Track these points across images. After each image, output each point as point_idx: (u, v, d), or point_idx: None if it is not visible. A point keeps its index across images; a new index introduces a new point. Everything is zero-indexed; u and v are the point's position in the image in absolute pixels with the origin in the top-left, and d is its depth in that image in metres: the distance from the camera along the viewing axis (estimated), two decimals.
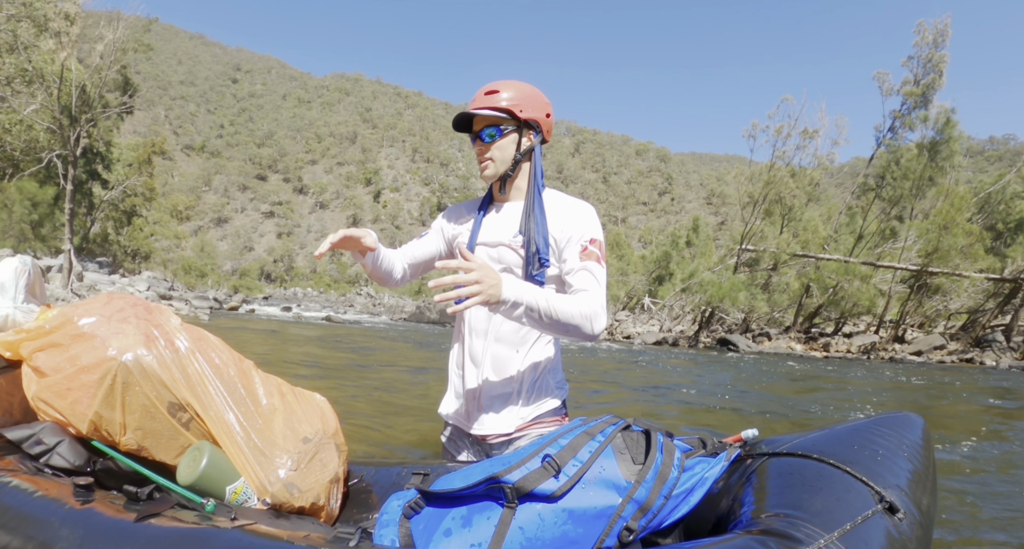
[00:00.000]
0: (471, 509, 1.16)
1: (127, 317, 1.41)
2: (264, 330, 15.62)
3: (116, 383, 1.33)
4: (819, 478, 1.04)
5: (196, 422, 1.39)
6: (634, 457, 1.17)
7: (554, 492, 1.10)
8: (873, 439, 1.15)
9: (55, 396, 1.34)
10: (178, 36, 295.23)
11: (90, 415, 1.34)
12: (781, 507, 1.00)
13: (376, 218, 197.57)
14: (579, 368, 9.90)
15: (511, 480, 1.12)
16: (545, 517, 1.10)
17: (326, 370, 7.76)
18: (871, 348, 21.02)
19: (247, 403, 1.45)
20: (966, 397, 8.31)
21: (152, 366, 1.36)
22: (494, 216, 1.84)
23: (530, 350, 1.77)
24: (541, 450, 1.18)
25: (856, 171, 32.31)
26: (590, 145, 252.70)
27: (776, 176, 27.25)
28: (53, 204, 25.76)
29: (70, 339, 1.36)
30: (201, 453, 1.34)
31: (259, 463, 1.39)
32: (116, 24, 23.75)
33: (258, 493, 1.37)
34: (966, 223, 21.62)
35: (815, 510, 0.96)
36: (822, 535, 0.90)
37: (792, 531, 0.92)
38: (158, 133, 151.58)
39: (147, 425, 1.36)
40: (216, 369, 1.44)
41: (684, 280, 27.20)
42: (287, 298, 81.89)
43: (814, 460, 1.10)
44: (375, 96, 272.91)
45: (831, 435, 1.20)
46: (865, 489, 1.00)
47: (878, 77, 26.03)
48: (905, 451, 1.13)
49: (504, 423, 1.74)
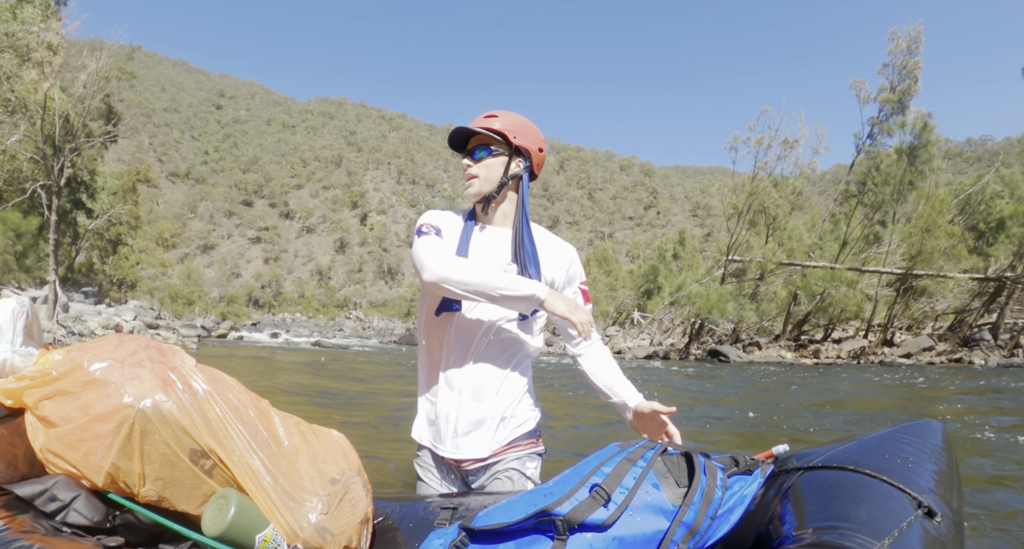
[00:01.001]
0: (520, 544, 1.13)
1: (141, 361, 1.34)
2: (253, 357, 15.50)
3: (134, 432, 1.25)
4: (859, 488, 1.07)
5: (219, 469, 1.32)
6: (677, 480, 1.17)
7: (605, 521, 1.08)
8: (901, 447, 1.19)
9: (67, 447, 1.26)
10: (161, 63, 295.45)
11: (106, 467, 1.26)
12: (828, 520, 1.02)
13: (363, 241, 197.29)
14: (572, 387, 9.90)
15: (561, 512, 1.10)
16: (596, 547, 1.08)
17: (317, 398, 7.71)
18: (861, 353, 21.14)
19: (270, 445, 1.40)
20: (958, 398, 8.38)
21: (172, 412, 1.28)
22: (481, 236, 1.80)
23: (508, 375, 1.76)
24: (586, 480, 1.16)
25: (838, 178, 32.72)
26: (574, 162, 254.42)
27: (759, 187, 27.52)
28: (37, 234, 25.56)
29: (80, 386, 1.28)
30: (228, 501, 1.26)
31: (288, 508, 1.33)
32: (99, 53, 23.72)
33: (288, 540, 1.31)
34: (948, 225, 21.91)
35: (862, 520, 0.98)
36: (874, 544, 0.92)
37: (845, 542, 0.94)
38: (142, 161, 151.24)
39: (168, 474, 1.28)
40: (236, 411, 1.38)
41: (672, 293, 27.28)
42: (276, 324, 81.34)
43: (851, 471, 1.12)
44: (359, 119, 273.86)
45: (860, 446, 1.22)
46: (903, 496, 1.03)
47: (855, 85, 26.51)
48: (931, 456, 1.17)
49: (480, 448, 1.72)
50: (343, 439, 1.61)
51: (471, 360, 1.72)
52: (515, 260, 1.73)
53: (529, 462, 1.76)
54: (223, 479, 1.32)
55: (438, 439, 1.76)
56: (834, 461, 1.18)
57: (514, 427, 1.75)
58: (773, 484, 1.24)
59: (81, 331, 17.90)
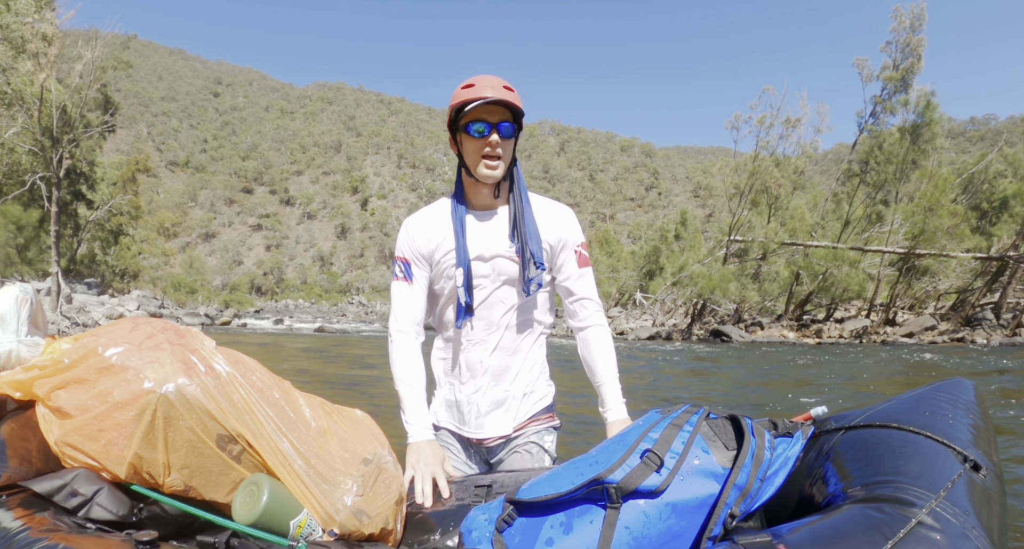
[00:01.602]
0: (570, 514, 1.13)
1: (159, 344, 1.27)
2: (258, 344, 15.58)
3: (157, 419, 1.18)
4: (906, 445, 1.09)
5: (248, 454, 1.26)
6: (726, 444, 1.17)
7: (658, 487, 1.08)
8: (938, 404, 1.21)
9: (84, 439, 1.19)
10: (157, 52, 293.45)
11: (128, 457, 1.19)
12: (879, 475, 1.04)
13: (364, 226, 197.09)
14: (579, 370, 9.93)
15: (615, 480, 1.09)
16: (650, 514, 1.08)
17: (322, 383, 7.75)
18: (863, 332, 21.17)
19: (299, 427, 1.33)
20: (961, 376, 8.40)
21: (196, 396, 1.21)
22: (479, 225, 1.76)
23: (527, 355, 1.80)
24: (635, 446, 1.15)
25: (840, 158, 32.53)
26: (575, 144, 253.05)
27: (761, 166, 27.40)
28: (38, 227, 25.56)
29: (96, 373, 1.21)
30: (260, 487, 1.20)
31: (322, 491, 1.27)
32: (94, 43, 23.60)
33: (323, 524, 1.26)
34: (951, 204, 21.83)
35: (915, 474, 1.00)
36: (930, 497, 0.94)
37: (902, 495, 0.96)
38: (141, 150, 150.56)
39: (194, 462, 1.22)
40: (261, 393, 1.31)
41: (674, 274, 27.30)
42: (279, 310, 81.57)
43: (895, 429, 1.14)
44: (358, 104, 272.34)
45: (899, 405, 1.25)
46: (949, 451, 1.06)
47: (858, 64, 26.26)
48: (967, 412, 1.20)
49: (503, 426, 1.76)
50: (368, 419, 1.54)
51: (492, 347, 1.75)
52: (513, 239, 1.72)
53: (547, 435, 1.81)
54: (252, 464, 1.27)
55: (461, 421, 1.80)
56: (876, 420, 1.19)
57: (534, 403, 1.80)
58: (813, 446, 1.25)
59: (85, 322, 18.00)
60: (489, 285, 1.74)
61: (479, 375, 1.76)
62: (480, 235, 1.74)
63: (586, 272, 1.79)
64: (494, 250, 1.72)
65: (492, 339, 1.75)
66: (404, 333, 1.75)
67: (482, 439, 1.78)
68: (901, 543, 0.86)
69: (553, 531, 1.12)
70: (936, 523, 0.90)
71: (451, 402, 1.82)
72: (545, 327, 1.85)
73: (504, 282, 1.74)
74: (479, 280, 1.73)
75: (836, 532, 0.92)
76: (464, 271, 1.70)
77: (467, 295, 1.71)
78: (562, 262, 1.79)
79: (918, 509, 0.92)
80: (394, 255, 1.79)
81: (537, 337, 1.83)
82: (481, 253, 1.73)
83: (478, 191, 1.75)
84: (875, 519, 0.92)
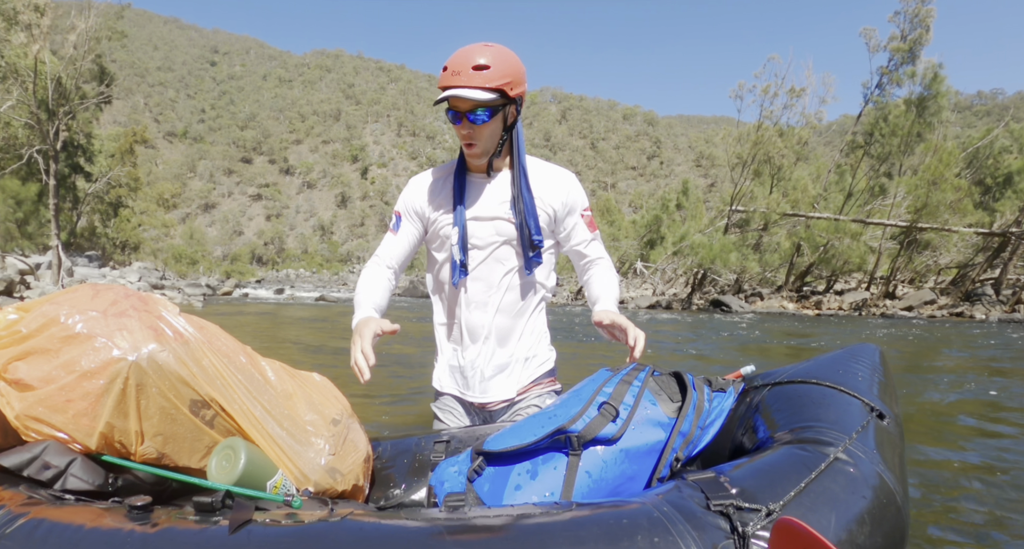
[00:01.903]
0: (535, 462, 1.25)
1: (124, 310, 1.23)
2: (259, 313, 15.64)
3: (128, 387, 1.16)
4: (823, 397, 1.30)
5: (221, 418, 1.25)
6: (671, 396, 1.34)
7: (614, 435, 1.23)
8: (849, 364, 1.45)
9: (51, 411, 1.15)
10: (152, 21, 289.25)
11: (100, 427, 1.15)
12: (802, 422, 1.22)
13: (364, 195, 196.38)
14: (578, 334, 9.98)
15: (576, 429, 1.23)
16: (607, 459, 1.22)
17: (322, 351, 7.80)
18: (862, 305, 21.23)
19: (267, 390, 1.35)
20: (958, 352, 8.44)
21: (168, 363, 1.19)
22: (479, 187, 1.77)
23: (529, 318, 1.82)
24: (592, 400, 1.29)
25: (844, 129, 32.22)
26: (577, 112, 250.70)
27: (764, 136, 27.12)
28: (37, 201, 25.45)
29: (60, 342, 1.16)
30: (236, 451, 1.21)
31: (295, 452, 1.30)
32: (87, 12, 23.22)
33: (298, 483, 1.28)
34: (955, 178, 21.67)
35: (831, 421, 1.20)
36: (843, 438, 1.13)
37: (820, 437, 1.15)
38: (138, 122, 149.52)
39: (168, 429, 1.20)
40: (228, 358, 1.31)
41: (675, 243, 27.24)
42: (280, 280, 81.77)
43: (814, 384, 1.36)
44: (357, 72, 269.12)
45: (817, 364, 1.47)
46: (858, 403, 1.27)
47: (865, 33, 25.81)
48: (873, 372, 1.43)
49: (507, 389, 1.79)
50: (327, 381, 1.57)
51: (493, 310, 1.77)
52: (513, 210, 1.72)
53: (549, 399, 1.84)
54: (225, 429, 1.27)
55: (465, 386, 1.82)
56: (797, 377, 1.41)
57: (536, 366, 1.84)
58: (743, 400, 1.44)
59: None
60: (487, 246, 1.75)
61: (481, 339, 1.78)
62: (479, 196, 1.75)
63: (594, 235, 1.83)
64: (493, 212, 1.73)
65: (493, 301, 1.77)
66: (377, 264, 1.81)
67: (485, 403, 1.81)
68: (822, 475, 1.03)
69: (520, 478, 1.24)
70: (850, 459, 1.09)
71: (454, 367, 1.85)
72: (547, 290, 1.87)
73: (504, 243, 1.75)
74: (477, 240, 1.75)
75: (769, 467, 1.08)
76: (460, 230, 1.72)
77: (462, 253, 1.73)
78: (570, 227, 1.81)
79: (835, 448, 1.10)
80: (388, 222, 1.84)
81: (539, 301, 1.85)
82: (479, 214, 1.74)
83: (474, 160, 1.76)
84: (801, 456, 1.09)
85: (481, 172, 1.77)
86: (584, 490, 1.20)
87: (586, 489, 1.20)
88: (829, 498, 1.00)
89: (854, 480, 1.05)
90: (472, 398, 1.81)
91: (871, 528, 1.00)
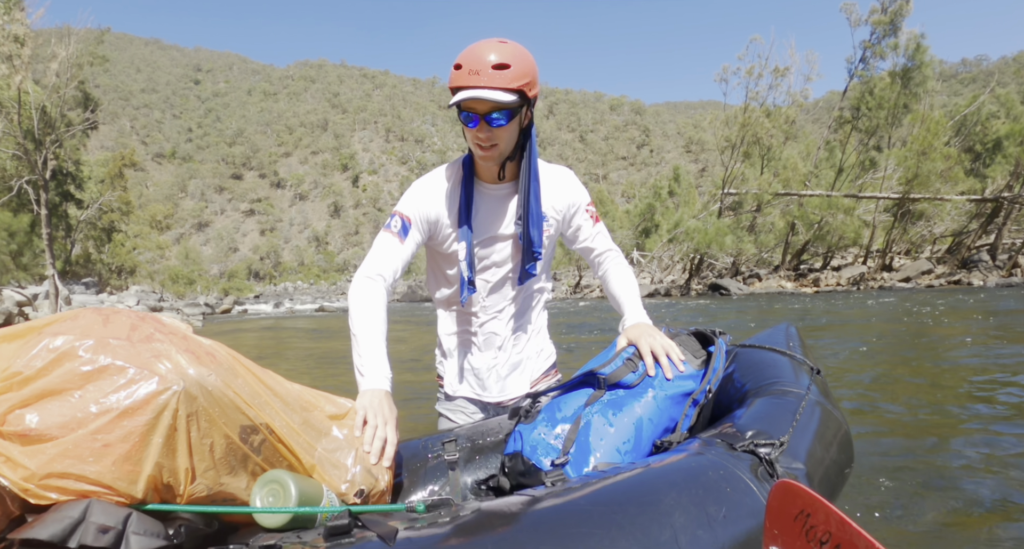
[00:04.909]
0: (569, 393, 1.52)
1: (150, 334, 1.08)
2: (260, 328, 15.63)
3: (178, 419, 1.01)
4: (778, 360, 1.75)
5: (270, 442, 1.15)
6: (694, 353, 1.59)
7: (633, 382, 1.47)
8: (783, 337, 1.93)
9: (83, 462, 0.96)
10: (133, 43, 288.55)
11: (146, 471, 1.00)
12: (770, 379, 1.63)
13: (357, 203, 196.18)
14: (584, 327, 9.99)
15: (604, 373, 1.48)
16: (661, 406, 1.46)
17: (325, 361, 7.81)
18: (860, 279, 21.26)
19: (296, 406, 1.24)
20: (959, 319, 8.46)
21: (218, 387, 1.07)
22: (489, 202, 1.72)
23: (536, 317, 1.91)
24: (619, 353, 1.55)
25: (831, 105, 32.19)
26: (563, 105, 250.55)
27: (751, 117, 27.15)
28: (30, 231, 25.41)
29: (81, 379, 0.99)
30: (282, 484, 1.11)
31: (337, 461, 1.25)
32: (68, 40, 23.15)
33: (342, 493, 1.22)
34: (944, 147, 21.70)
35: (790, 377, 1.63)
36: (803, 389, 1.56)
37: (788, 388, 1.56)
38: (126, 145, 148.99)
39: (221, 462, 1.08)
40: (254, 376, 1.19)
41: (670, 230, 27.26)
42: (278, 294, 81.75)
43: (768, 350, 1.83)
44: (341, 80, 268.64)
45: (764, 337, 1.96)
46: (802, 364, 1.73)
47: (845, 8, 25.78)
48: (798, 341, 1.91)
49: (521, 386, 1.87)
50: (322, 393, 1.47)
51: (507, 318, 1.84)
52: (519, 221, 1.66)
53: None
54: (271, 453, 1.16)
55: (481, 387, 1.87)
56: (755, 343, 1.90)
57: (544, 360, 1.94)
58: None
59: None
60: (503, 262, 1.76)
61: (497, 345, 1.84)
62: (491, 213, 1.72)
63: (600, 228, 1.86)
64: (506, 229, 1.72)
65: (507, 311, 1.83)
66: (374, 280, 1.63)
67: (502, 401, 1.86)
68: (802, 415, 1.42)
69: (557, 401, 1.51)
70: (813, 402, 1.51)
71: (468, 370, 1.88)
72: (547, 291, 1.94)
73: (505, 264, 1.78)
74: (491, 258, 1.75)
75: (765, 414, 1.44)
76: (467, 247, 1.68)
77: (470, 270, 1.70)
78: (577, 225, 1.83)
79: (802, 396, 1.51)
80: (395, 209, 1.69)
81: (542, 301, 1.93)
82: (492, 232, 1.72)
83: (485, 165, 1.67)
84: (781, 403, 1.48)
85: (491, 181, 1.70)
86: (648, 433, 1.42)
87: (649, 432, 1.42)
88: (809, 430, 1.41)
89: (819, 417, 1.48)
90: (489, 398, 1.86)
91: (836, 446, 1.46)
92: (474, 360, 1.86)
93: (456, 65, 1.51)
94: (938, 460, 2.70)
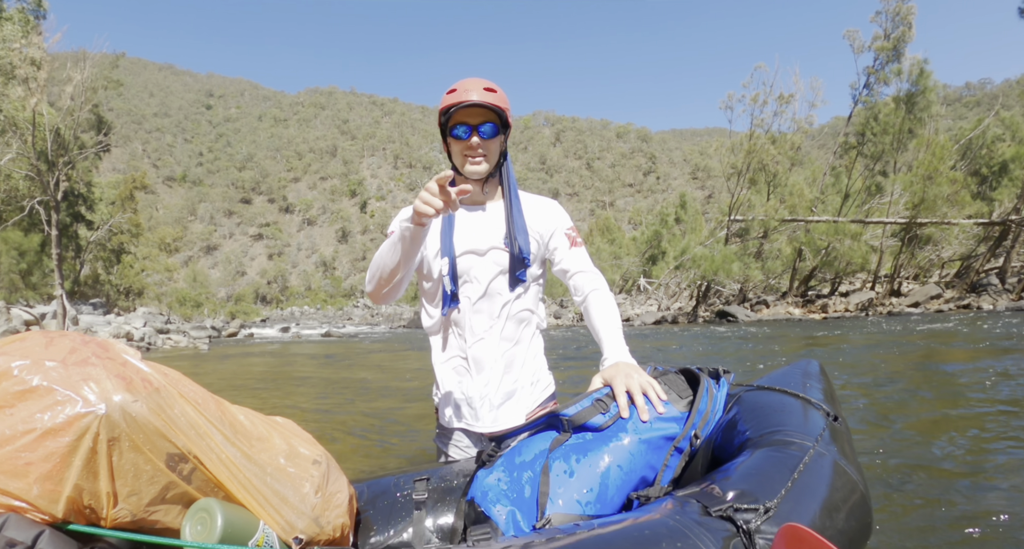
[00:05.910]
0: (532, 434, 1.44)
1: (86, 358, 1.10)
2: (266, 353, 15.62)
3: (99, 443, 1.03)
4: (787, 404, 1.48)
5: (200, 471, 1.14)
6: (680, 393, 1.46)
7: (601, 425, 1.35)
8: (800, 376, 1.66)
9: (7, 477, 1.01)
10: (147, 68, 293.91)
11: (66, 491, 1.02)
12: (773, 426, 1.38)
13: (365, 229, 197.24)
14: (596, 357, 9.96)
15: (568, 414, 1.37)
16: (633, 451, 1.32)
17: (327, 388, 7.78)
18: (869, 305, 21.12)
19: (243, 437, 1.24)
20: (969, 344, 8.38)
21: (143, 414, 1.07)
22: (472, 218, 1.82)
23: (529, 345, 1.87)
24: (590, 394, 1.43)
25: (836, 131, 32.40)
26: (570, 133, 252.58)
27: (757, 144, 27.29)
28: (40, 251, 25.66)
29: (13, 398, 1.03)
30: (211, 513, 1.11)
31: (281, 500, 1.22)
32: (83, 64, 23.64)
33: (284, 534, 1.20)
34: (950, 171, 21.72)
35: (797, 424, 1.37)
36: (811, 440, 1.29)
37: (792, 439, 1.31)
38: (137, 168, 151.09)
39: (144, 488, 1.09)
40: (198, 405, 1.20)
41: (677, 257, 27.27)
42: (285, 318, 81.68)
43: (778, 392, 1.55)
44: (351, 107, 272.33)
45: (778, 376, 1.68)
46: (816, 408, 1.45)
47: (848, 35, 26.08)
48: (817, 381, 1.64)
49: (516, 416, 1.82)
50: (292, 423, 1.49)
51: (496, 338, 1.82)
52: (507, 235, 1.79)
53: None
54: (203, 482, 1.16)
55: (474, 417, 1.84)
56: (764, 385, 1.60)
57: (541, 390, 1.89)
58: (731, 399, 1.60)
59: None
60: (486, 277, 1.79)
61: (487, 368, 1.81)
62: (473, 228, 1.81)
63: (577, 250, 1.87)
64: (489, 243, 1.79)
65: (495, 330, 1.81)
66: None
67: (495, 432, 1.82)
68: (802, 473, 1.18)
69: (520, 444, 1.42)
70: (819, 457, 1.24)
71: (461, 399, 1.85)
72: (540, 319, 1.93)
73: (500, 273, 1.80)
74: (475, 273, 1.79)
75: (757, 469, 1.21)
76: (450, 261, 1.78)
77: (452, 284, 1.78)
78: (555, 247, 1.87)
79: (807, 449, 1.25)
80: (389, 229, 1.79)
81: (534, 328, 1.91)
82: (475, 247, 1.79)
83: (470, 180, 1.82)
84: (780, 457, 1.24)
85: (474, 203, 1.85)
86: (618, 482, 1.28)
87: (619, 481, 1.28)
88: (810, 492, 1.15)
89: (826, 475, 1.21)
90: (481, 428, 1.83)
91: (845, 514, 1.17)
92: (466, 388, 1.84)
93: (450, 90, 1.75)
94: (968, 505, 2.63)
